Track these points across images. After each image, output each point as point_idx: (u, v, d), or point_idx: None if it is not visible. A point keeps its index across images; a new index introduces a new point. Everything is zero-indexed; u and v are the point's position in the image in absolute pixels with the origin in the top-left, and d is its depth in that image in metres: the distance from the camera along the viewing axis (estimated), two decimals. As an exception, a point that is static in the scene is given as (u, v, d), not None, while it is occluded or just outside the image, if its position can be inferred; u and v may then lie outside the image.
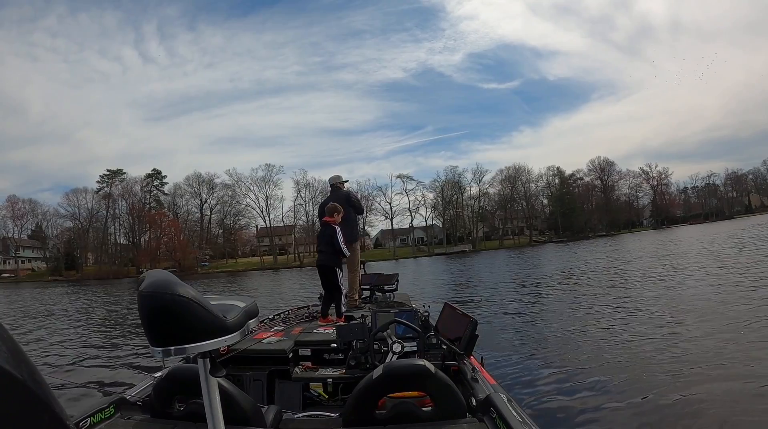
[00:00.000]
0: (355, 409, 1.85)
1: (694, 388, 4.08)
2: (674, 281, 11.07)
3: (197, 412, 1.80)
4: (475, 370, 2.46)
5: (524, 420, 1.69)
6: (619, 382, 4.42)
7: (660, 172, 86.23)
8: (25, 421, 0.37)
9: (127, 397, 2.18)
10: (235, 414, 1.74)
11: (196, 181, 73.15)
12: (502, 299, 11.43)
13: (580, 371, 4.89)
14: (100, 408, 2.00)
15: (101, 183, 72.04)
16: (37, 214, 71.55)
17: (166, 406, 2.01)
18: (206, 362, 1.12)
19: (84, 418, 1.89)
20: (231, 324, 1.05)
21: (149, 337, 0.98)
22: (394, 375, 1.83)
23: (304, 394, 2.85)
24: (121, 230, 72.72)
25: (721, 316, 6.71)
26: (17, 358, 0.38)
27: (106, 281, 51.73)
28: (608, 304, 8.91)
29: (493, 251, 61.34)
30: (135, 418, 2.05)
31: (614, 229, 78.73)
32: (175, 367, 2.07)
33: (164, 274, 1.05)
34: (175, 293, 0.97)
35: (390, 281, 6.06)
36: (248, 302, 1.20)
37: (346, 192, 5.98)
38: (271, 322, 4.31)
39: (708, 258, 15.82)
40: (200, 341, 0.98)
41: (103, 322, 12.69)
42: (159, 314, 0.97)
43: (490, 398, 1.89)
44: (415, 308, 3.58)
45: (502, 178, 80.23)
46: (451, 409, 1.82)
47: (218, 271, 61.81)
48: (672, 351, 5.25)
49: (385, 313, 3.22)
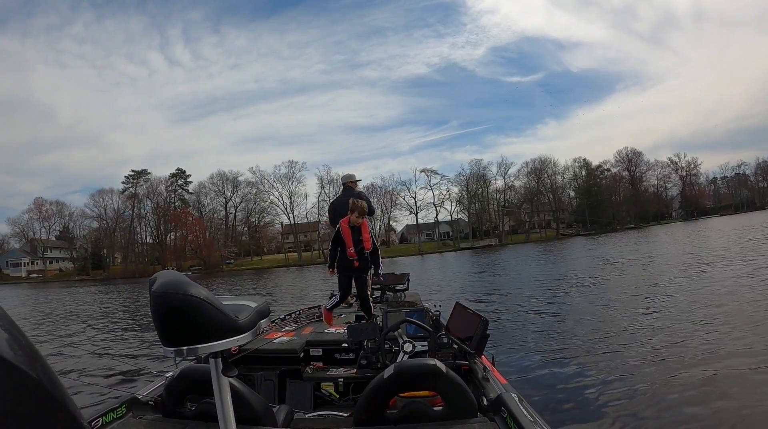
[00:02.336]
0: (366, 408, 1.85)
1: (719, 392, 3.90)
2: (714, 277, 10.34)
3: (209, 411, 1.84)
4: (486, 369, 2.44)
5: (535, 420, 1.67)
6: (636, 384, 4.29)
7: (689, 163, 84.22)
8: (40, 420, 0.37)
9: (139, 396, 2.18)
10: (246, 413, 1.74)
11: (220, 179, 73.53)
12: (519, 297, 11.08)
13: (594, 371, 4.78)
14: (112, 408, 2.01)
15: (126, 183, 72.74)
16: (64, 216, 72.68)
17: (177, 405, 2.00)
18: (218, 362, 1.12)
19: (96, 417, 1.90)
20: (243, 324, 1.06)
21: (161, 337, 0.99)
22: (405, 374, 1.83)
23: (315, 394, 2.88)
24: (147, 230, 73.39)
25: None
26: (32, 357, 0.38)
27: (133, 280, 52.11)
28: (632, 304, 8.45)
29: (519, 245, 60.26)
30: (147, 417, 2.06)
31: (643, 221, 76.95)
32: (186, 367, 2.05)
33: (176, 274, 1.05)
34: (187, 293, 0.97)
35: (401, 281, 6.08)
36: (260, 302, 1.21)
37: (358, 192, 5.90)
38: (282, 322, 4.31)
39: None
40: (212, 341, 0.99)
41: (118, 322, 12.75)
42: (171, 314, 0.97)
43: (501, 398, 1.88)
44: (426, 308, 3.56)
45: (528, 170, 79.06)
46: (462, 408, 1.81)
47: (243, 269, 61.66)
48: (699, 352, 5.03)
49: (396, 312, 3.21)
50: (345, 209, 5.56)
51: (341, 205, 5.77)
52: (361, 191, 6.16)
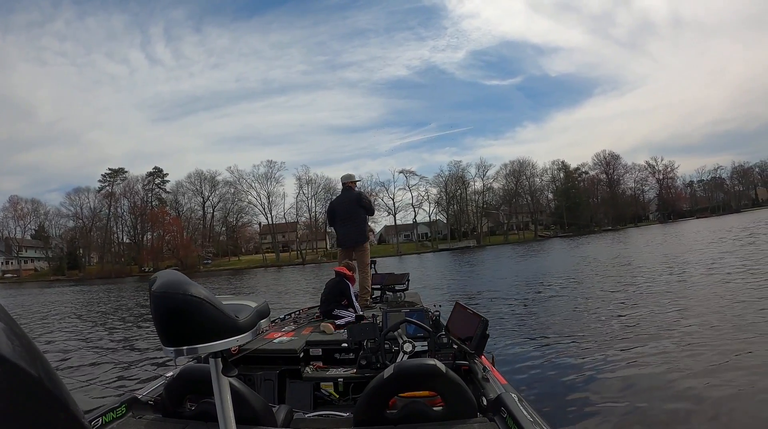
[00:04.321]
0: (365, 408, 1.84)
1: (714, 388, 3.91)
2: (694, 277, 10.56)
3: (209, 411, 1.84)
4: (486, 369, 2.44)
5: (535, 420, 1.66)
6: (637, 383, 4.26)
7: (666, 166, 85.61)
8: (42, 419, 0.37)
9: (139, 396, 2.18)
10: (246, 413, 1.74)
11: (198, 178, 73.13)
12: (510, 297, 11.09)
13: (594, 371, 4.75)
14: (112, 407, 2.01)
15: (103, 182, 72.14)
16: (40, 214, 71.81)
17: (177, 405, 2.01)
18: (218, 362, 1.12)
19: (96, 417, 1.89)
20: (243, 324, 1.06)
21: (161, 337, 0.98)
22: (405, 374, 1.81)
23: (314, 394, 2.86)
24: (124, 229, 72.86)
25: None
26: (32, 356, 0.38)
27: (109, 280, 51.57)
28: (625, 302, 8.52)
29: (498, 246, 60.70)
30: (146, 417, 2.05)
31: (620, 223, 77.97)
32: (186, 367, 2.06)
33: (176, 274, 1.05)
34: (188, 293, 0.97)
35: (401, 280, 6.01)
36: (260, 302, 1.20)
37: (357, 193, 5.82)
38: (282, 321, 4.29)
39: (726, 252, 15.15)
40: (212, 341, 0.98)
41: (114, 322, 12.47)
42: (171, 314, 0.97)
43: (501, 398, 1.88)
44: (426, 308, 3.55)
45: (507, 172, 79.87)
46: (461, 408, 1.80)
47: (221, 269, 61.43)
48: (692, 348, 5.05)
49: (395, 312, 3.21)
50: (342, 209, 5.68)
51: (339, 205, 5.77)
52: (361, 192, 6.02)
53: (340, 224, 5.68)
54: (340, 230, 5.69)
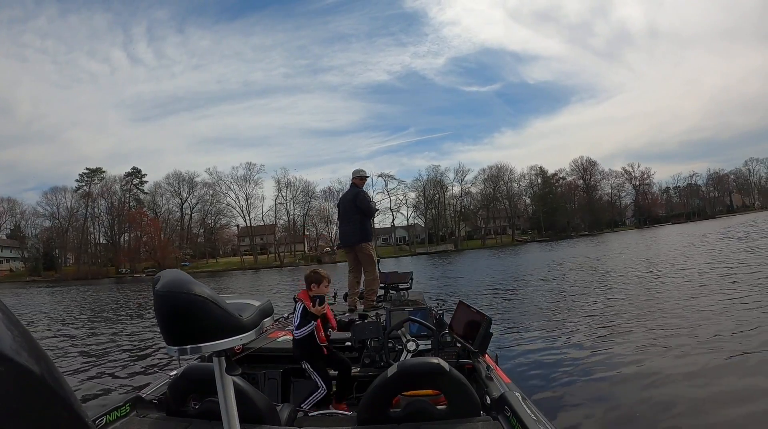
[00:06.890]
0: (369, 407, 1.84)
1: (713, 386, 3.91)
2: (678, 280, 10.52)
3: (212, 410, 1.82)
4: (490, 368, 2.44)
5: (539, 418, 1.67)
6: (640, 382, 4.21)
7: (642, 172, 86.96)
8: (45, 418, 0.37)
9: (143, 395, 2.19)
10: (249, 412, 1.74)
11: (177, 179, 72.72)
12: (510, 298, 11.05)
13: (598, 369, 4.71)
14: (116, 406, 2.01)
15: (80, 181, 71.52)
16: (16, 214, 71.07)
17: (181, 404, 2.02)
18: (221, 361, 1.11)
19: (100, 416, 1.90)
20: (246, 323, 1.04)
21: (165, 336, 0.98)
22: (409, 373, 1.82)
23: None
24: (101, 230, 72.25)
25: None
26: (36, 355, 0.38)
27: (86, 281, 51.11)
28: (624, 302, 8.58)
29: (475, 250, 61.29)
30: (150, 416, 2.06)
31: (597, 228, 78.98)
32: (190, 366, 2.08)
33: (179, 273, 1.04)
34: (191, 292, 0.96)
35: (404, 279, 6.03)
36: (263, 301, 1.19)
37: (356, 192, 5.58)
38: (286, 320, 4.26)
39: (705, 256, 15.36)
40: (216, 340, 0.97)
41: (115, 322, 12.36)
42: (175, 313, 0.96)
43: (505, 396, 1.88)
44: (429, 306, 3.56)
45: (485, 177, 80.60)
46: (465, 407, 1.81)
47: (199, 271, 61.25)
48: (691, 347, 5.01)
49: (399, 311, 3.22)
50: (342, 207, 5.59)
51: (341, 202, 5.72)
52: (359, 191, 5.66)
53: (340, 222, 5.66)
54: (341, 228, 5.63)
